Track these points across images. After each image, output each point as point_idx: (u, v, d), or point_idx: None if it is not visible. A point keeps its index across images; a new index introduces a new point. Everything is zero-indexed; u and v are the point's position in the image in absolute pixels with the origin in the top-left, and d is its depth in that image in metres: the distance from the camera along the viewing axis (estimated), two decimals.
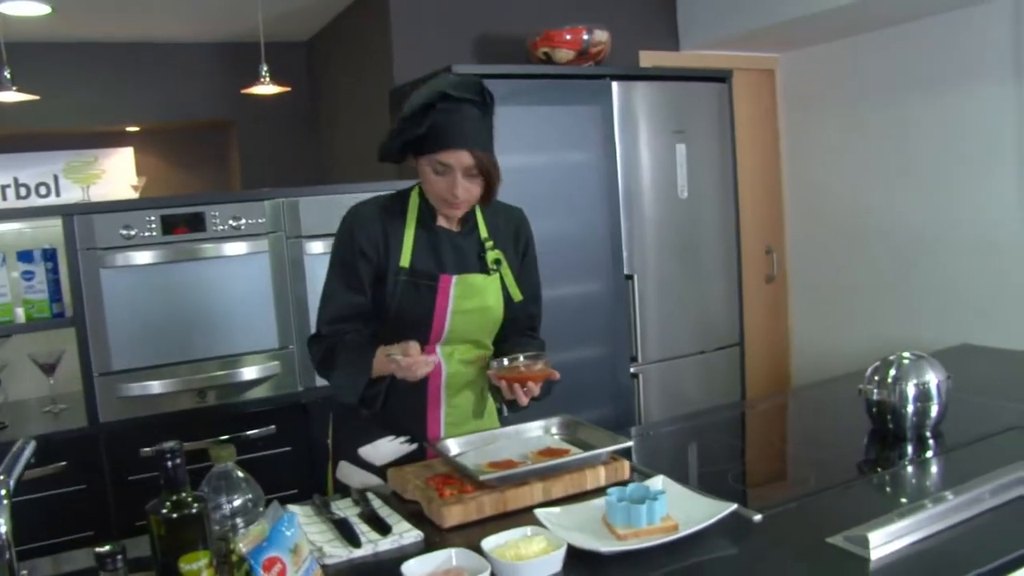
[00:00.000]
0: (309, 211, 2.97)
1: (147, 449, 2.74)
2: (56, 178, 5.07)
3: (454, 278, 1.85)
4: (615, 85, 3.59)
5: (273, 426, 2.88)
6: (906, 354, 1.98)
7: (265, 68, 3.45)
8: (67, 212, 2.67)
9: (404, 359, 1.72)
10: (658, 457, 2.01)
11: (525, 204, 3.30)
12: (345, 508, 1.65)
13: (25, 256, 2.62)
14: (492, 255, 1.93)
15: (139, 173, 5.32)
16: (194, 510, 1.04)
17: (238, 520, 1.13)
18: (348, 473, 1.89)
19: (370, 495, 1.71)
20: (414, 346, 1.75)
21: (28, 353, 2.83)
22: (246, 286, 2.86)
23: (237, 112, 4.80)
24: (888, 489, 1.70)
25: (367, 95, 4.21)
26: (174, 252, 2.75)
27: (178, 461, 1.03)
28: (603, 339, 3.62)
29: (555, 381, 1.85)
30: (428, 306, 1.84)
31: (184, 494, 1.04)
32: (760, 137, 4.78)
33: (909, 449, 1.89)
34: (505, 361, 1.82)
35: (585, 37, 3.69)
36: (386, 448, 1.90)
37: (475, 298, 1.87)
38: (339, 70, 4.60)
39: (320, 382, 2.98)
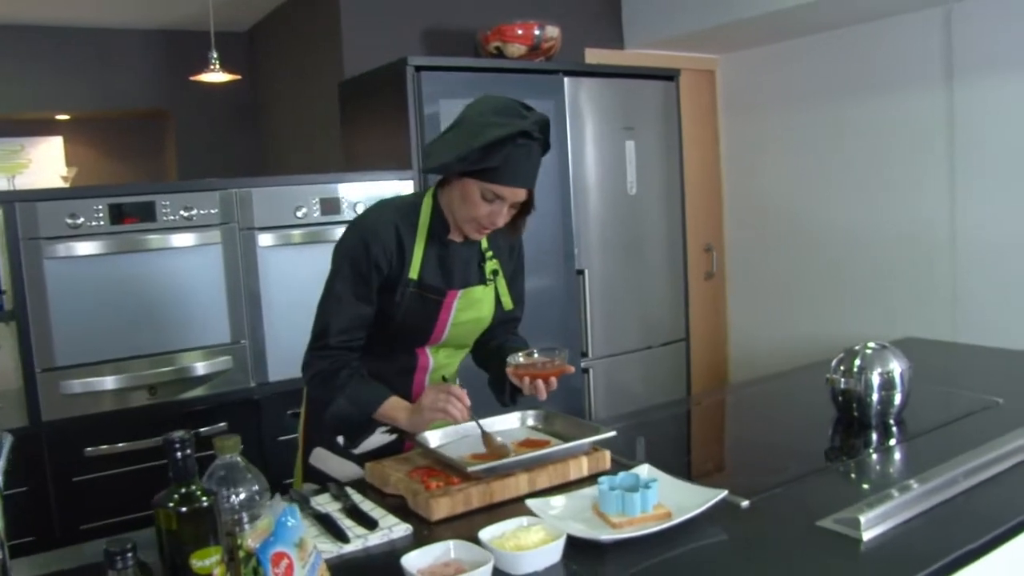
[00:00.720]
0: (262, 202, 2.89)
1: (91, 449, 2.63)
2: None
3: (459, 292, 1.87)
4: (567, 80, 3.60)
5: (225, 423, 2.80)
6: (871, 344, 2.04)
7: (215, 55, 3.34)
8: (7, 199, 2.53)
9: (455, 390, 1.75)
10: (630, 447, 2.01)
11: None
12: (325, 503, 1.62)
13: None
14: (490, 265, 1.94)
15: (69, 163, 5.10)
16: (205, 503, 0.99)
17: (243, 514, 1.08)
18: (323, 459, 1.85)
19: (348, 489, 1.67)
20: (463, 396, 1.76)
21: None
22: (197, 279, 2.77)
23: (174, 102, 4.64)
24: (862, 474, 1.75)
25: (314, 87, 4.13)
26: (122, 243, 2.64)
27: (188, 451, 0.99)
28: (555, 334, 3.62)
29: (569, 374, 1.84)
30: (432, 318, 1.85)
31: (194, 487, 1.00)
32: (701, 137, 4.86)
33: (874, 436, 1.94)
34: (521, 358, 1.82)
35: (537, 32, 3.70)
36: (368, 437, 1.87)
37: (472, 310, 1.90)
38: (282, 61, 4.50)
39: (274, 376, 2.91)
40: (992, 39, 3.62)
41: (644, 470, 1.60)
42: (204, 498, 1.00)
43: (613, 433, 1.77)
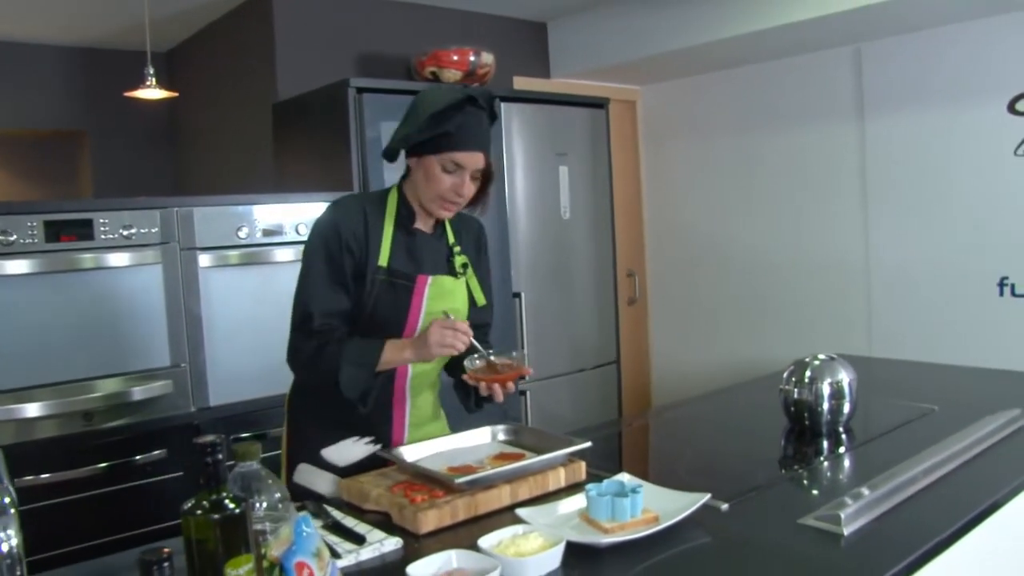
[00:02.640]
0: (204, 221, 2.82)
1: (21, 479, 2.49)
2: None
3: (429, 279, 1.88)
4: (503, 106, 3.66)
5: (163, 450, 2.69)
6: (820, 355, 2.14)
7: (151, 71, 3.25)
8: None
9: (460, 325, 1.75)
10: (600, 460, 2.05)
11: None
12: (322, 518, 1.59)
13: None
14: (459, 259, 1.98)
15: None
16: (236, 511, 0.97)
17: (266, 523, 1.06)
18: (310, 477, 1.82)
19: (327, 507, 1.65)
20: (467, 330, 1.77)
21: None
22: (136, 300, 2.67)
23: (90, 122, 4.48)
24: (827, 477, 1.84)
25: (243, 108, 4.06)
26: (58, 261, 2.53)
27: (219, 457, 0.97)
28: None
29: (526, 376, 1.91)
30: (404, 306, 1.86)
31: (224, 493, 0.98)
32: (624, 165, 5.00)
33: (826, 444, 2.04)
34: (478, 361, 1.85)
35: (472, 59, 3.76)
36: (351, 449, 1.85)
37: (445, 300, 1.90)
38: (208, 82, 4.41)
39: (215, 401, 2.83)
40: (900, 76, 3.88)
41: (626, 478, 1.64)
42: (234, 505, 0.98)
43: (589, 443, 1.80)
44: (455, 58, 3.74)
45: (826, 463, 1.93)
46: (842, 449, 2.00)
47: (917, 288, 3.90)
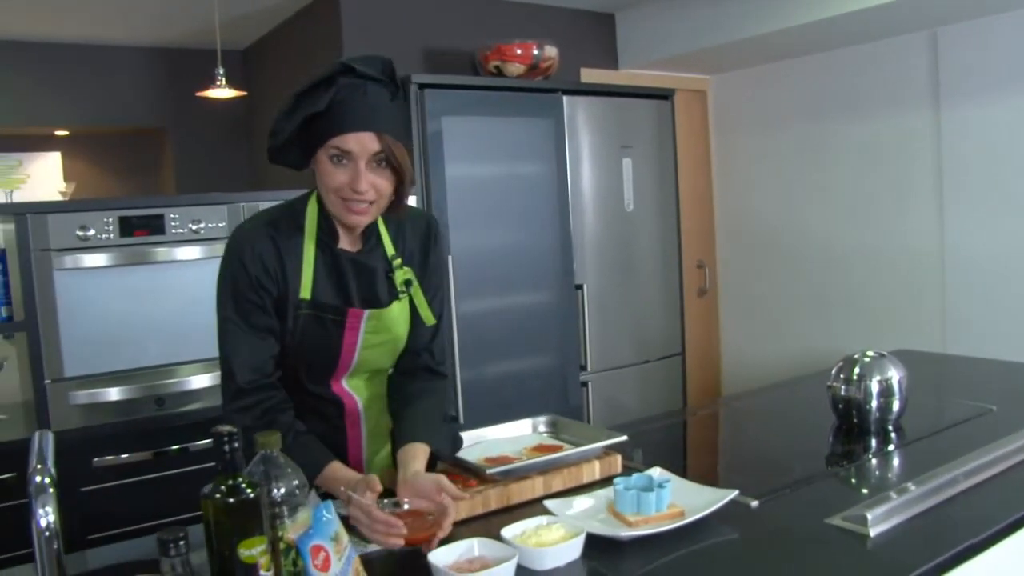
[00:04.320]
0: None
1: (99, 459, 2.65)
2: None
3: (365, 313, 1.61)
4: (565, 99, 3.68)
5: None
6: (869, 352, 2.10)
7: (222, 71, 3.39)
8: (20, 211, 2.57)
9: (368, 519, 1.35)
10: (644, 453, 2.06)
11: (477, 214, 3.41)
12: (339, 506, 1.64)
13: None
14: (400, 275, 1.67)
15: (67, 179, 5.12)
16: (251, 495, 1.03)
17: (284, 508, 1.12)
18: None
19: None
20: (377, 484, 1.42)
21: None
22: (204, 291, 2.78)
23: (171, 119, 4.69)
24: (866, 476, 1.80)
25: None
26: (131, 255, 2.68)
27: (236, 445, 1.03)
28: (554, 348, 3.68)
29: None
30: (335, 343, 1.61)
31: (240, 479, 1.04)
32: (693, 155, 4.95)
33: (874, 442, 2.00)
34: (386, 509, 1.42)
35: (536, 52, 3.78)
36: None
37: (385, 333, 1.65)
38: (281, 79, 4.55)
39: None
40: (977, 61, 3.73)
41: (656, 472, 1.65)
42: (250, 490, 1.04)
43: (624, 437, 1.82)
44: (518, 52, 3.76)
45: (869, 462, 1.89)
46: (888, 448, 1.96)
47: (995, 282, 3.75)
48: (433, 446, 1.62)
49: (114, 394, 2.68)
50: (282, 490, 1.13)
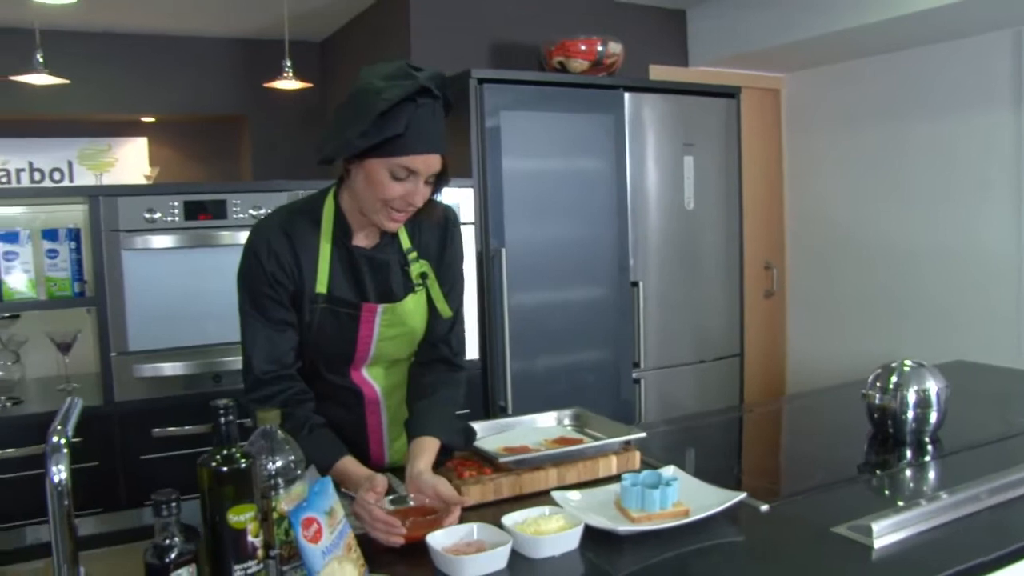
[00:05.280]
0: None
1: (159, 430, 2.79)
2: (70, 164, 5.12)
3: (380, 307, 1.65)
4: (627, 96, 3.67)
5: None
6: (907, 362, 2.05)
7: (288, 63, 3.52)
8: (92, 193, 2.72)
9: (370, 518, 1.40)
10: (664, 451, 2.06)
11: (536, 208, 3.43)
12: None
13: (50, 234, 2.67)
14: (416, 268, 1.70)
15: (152, 163, 5.38)
16: (243, 465, 1.09)
17: (279, 480, 1.18)
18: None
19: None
20: (381, 485, 1.45)
21: (46, 331, 2.88)
22: None
23: (250, 107, 4.87)
24: (889, 487, 1.77)
25: None
26: (195, 237, 2.81)
27: (231, 418, 1.10)
28: (607, 344, 3.68)
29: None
30: (351, 336, 1.66)
31: (234, 450, 1.10)
32: (763, 155, 4.87)
33: (908, 452, 1.95)
34: (388, 503, 1.49)
35: (600, 48, 3.77)
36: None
37: (401, 325, 1.70)
38: (353, 71, 4.67)
39: None
40: None
41: (669, 470, 1.65)
42: (243, 460, 1.10)
43: (643, 434, 1.82)
44: (583, 48, 3.77)
45: (896, 473, 1.85)
46: (920, 460, 1.91)
47: None
48: (444, 439, 1.66)
49: (174, 369, 2.81)
50: (278, 463, 1.19)
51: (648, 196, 3.75)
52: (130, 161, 5.31)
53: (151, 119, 5.31)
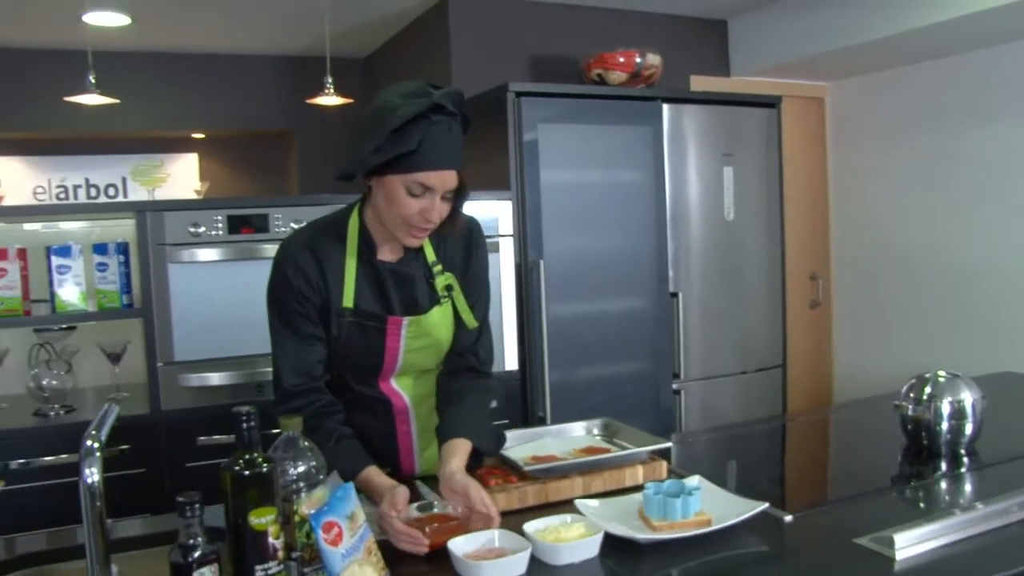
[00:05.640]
0: None
1: (204, 438, 2.86)
2: (124, 180, 5.31)
3: (405, 320, 1.69)
4: (665, 107, 3.67)
5: None
6: (941, 373, 2.02)
7: (330, 80, 3.60)
8: (140, 209, 2.82)
9: (392, 531, 1.43)
10: (697, 461, 2.07)
11: (574, 220, 3.46)
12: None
13: (100, 248, 2.77)
14: (442, 280, 1.74)
15: (202, 178, 5.53)
16: (264, 469, 1.13)
17: (301, 484, 1.22)
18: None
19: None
20: (402, 498, 1.47)
21: (96, 342, 2.98)
22: None
23: (297, 123, 4.99)
24: (918, 499, 1.75)
25: None
26: (238, 251, 2.89)
27: (252, 424, 1.14)
28: (646, 355, 3.68)
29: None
30: (378, 348, 1.70)
31: (256, 454, 1.14)
32: (807, 164, 4.82)
33: (944, 464, 1.92)
34: (415, 511, 1.51)
35: (638, 60, 3.79)
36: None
37: (427, 337, 1.74)
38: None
39: None
40: None
41: (693, 480, 1.65)
42: (264, 464, 1.14)
43: (668, 444, 1.83)
44: (621, 60, 3.79)
45: (927, 485, 1.83)
46: (953, 472, 1.88)
47: None
48: (475, 442, 1.68)
49: (219, 379, 2.89)
50: (300, 468, 1.23)
51: (687, 207, 3.74)
52: (181, 176, 5.47)
53: (201, 135, 5.47)
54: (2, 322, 2.69)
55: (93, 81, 3.63)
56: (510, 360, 3.40)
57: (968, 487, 1.81)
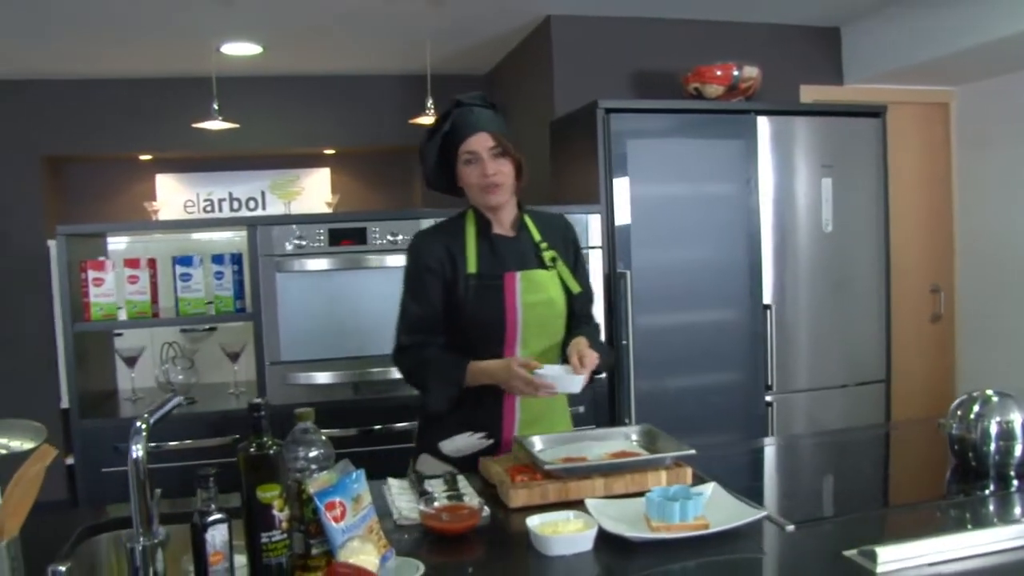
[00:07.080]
0: None
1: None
2: (263, 194, 5.79)
3: (518, 274, 2.09)
4: (763, 120, 3.67)
5: (412, 423, 3.20)
6: (990, 392, 1.98)
7: (431, 101, 3.84)
8: (251, 223, 3.14)
9: (523, 384, 1.95)
10: (717, 468, 2.10)
11: (668, 232, 3.54)
12: (436, 486, 1.90)
13: (217, 259, 3.11)
14: (548, 254, 2.16)
15: (333, 191, 5.94)
16: (271, 451, 1.33)
17: (313, 467, 1.41)
18: (429, 464, 2.13)
19: (459, 477, 1.95)
20: (523, 358, 2.00)
21: (219, 343, 3.33)
22: (399, 294, 3.21)
23: (416, 140, 5.27)
24: (936, 518, 1.74)
25: (529, 126, 4.52)
26: (339, 261, 3.16)
27: (263, 413, 1.34)
28: (738, 366, 3.69)
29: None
30: (499, 303, 2.07)
31: (266, 439, 1.35)
32: (928, 173, 4.64)
33: (991, 485, 1.89)
34: (422, 506, 1.70)
35: (735, 73, 3.81)
36: (463, 442, 2.13)
37: (539, 292, 2.10)
38: (508, 103, 4.95)
39: None
40: None
41: (708, 488, 1.72)
42: (272, 447, 1.34)
43: (692, 451, 1.89)
44: (718, 73, 3.82)
45: (957, 504, 1.81)
46: (996, 492, 1.85)
47: None
48: (593, 345, 2.06)
49: (320, 378, 3.16)
50: (312, 454, 1.42)
51: (782, 219, 3.73)
52: (315, 190, 5.89)
53: (332, 151, 5.87)
54: (134, 323, 3.06)
55: (216, 108, 4.01)
56: None
57: (992, 509, 1.78)
